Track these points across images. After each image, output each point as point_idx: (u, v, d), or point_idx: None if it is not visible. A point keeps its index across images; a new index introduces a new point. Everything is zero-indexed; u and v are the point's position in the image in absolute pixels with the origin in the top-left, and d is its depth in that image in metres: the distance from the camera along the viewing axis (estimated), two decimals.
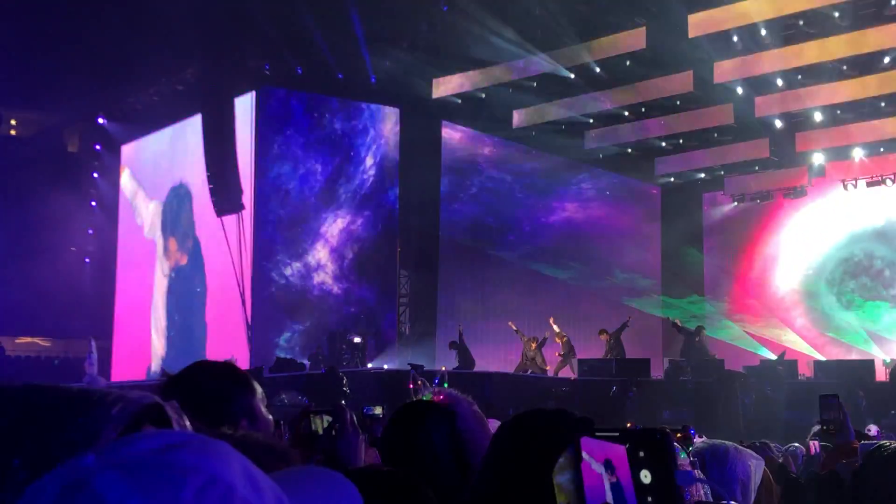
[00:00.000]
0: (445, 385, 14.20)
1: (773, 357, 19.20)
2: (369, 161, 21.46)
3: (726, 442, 2.86)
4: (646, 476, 1.18)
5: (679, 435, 4.90)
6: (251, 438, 1.40)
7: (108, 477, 0.72)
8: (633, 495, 1.19)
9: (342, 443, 2.31)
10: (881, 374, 16.89)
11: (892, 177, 21.62)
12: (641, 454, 1.18)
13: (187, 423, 0.96)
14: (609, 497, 1.23)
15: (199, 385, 2.13)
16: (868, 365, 16.71)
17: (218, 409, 2.04)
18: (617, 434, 1.23)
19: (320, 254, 20.88)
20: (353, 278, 21.05)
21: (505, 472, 1.65)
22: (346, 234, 21.09)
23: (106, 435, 0.86)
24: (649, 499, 1.18)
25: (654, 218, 25.71)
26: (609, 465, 1.23)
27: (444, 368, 16.95)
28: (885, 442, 2.88)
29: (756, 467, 2.76)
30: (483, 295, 22.58)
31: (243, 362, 19.24)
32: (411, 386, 13.50)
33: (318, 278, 20.81)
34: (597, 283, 24.30)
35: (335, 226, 21.03)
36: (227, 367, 2.27)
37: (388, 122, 21.57)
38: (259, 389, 2.19)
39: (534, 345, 18.74)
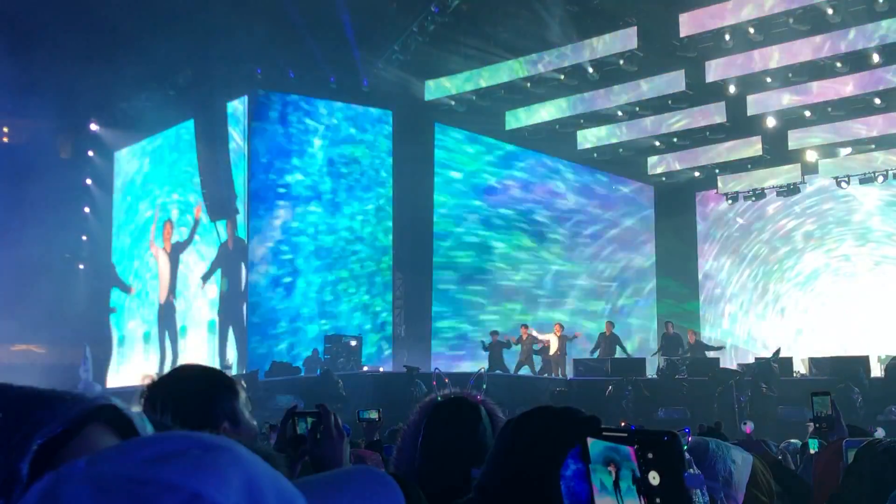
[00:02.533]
0: (484, 387, 14.22)
1: (768, 354, 19.21)
2: (362, 162, 21.43)
3: (709, 439, 2.85)
4: (654, 478, 1.17)
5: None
6: None
7: (78, 491, 0.71)
8: (641, 497, 1.18)
9: (325, 444, 2.30)
10: (876, 371, 16.91)
11: (884, 173, 21.66)
12: (650, 455, 1.18)
13: (149, 426, 0.95)
14: (617, 498, 1.22)
15: (180, 387, 2.14)
16: (863, 361, 16.72)
17: (199, 412, 2.04)
18: (625, 435, 1.22)
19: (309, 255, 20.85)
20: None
21: (510, 469, 1.64)
22: (337, 234, 21.06)
23: (39, 437, 0.86)
24: (658, 500, 1.17)
25: (647, 217, 25.72)
26: (617, 466, 1.23)
27: (481, 370, 16.91)
28: (877, 437, 2.88)
29: (743, 463, 2.74)
30: (479, 297, 22.58)
31: (240, 366, 19.23)
32: (434, 383, 13.53)
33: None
34: (591, 283, 24.33)
35: (329, 226, 20.99)
36: (210, 371, 2.27)
37: (381, 124, 21.55)
38: (243, 394, 2.19)
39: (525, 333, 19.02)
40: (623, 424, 10.80)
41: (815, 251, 23.52)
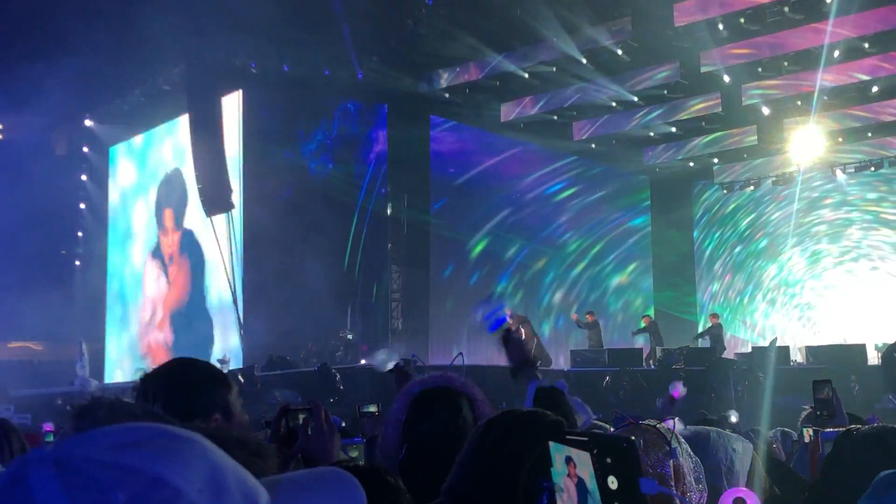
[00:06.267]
0: (463, 370, 14.23)
1: (765, 344, 19.24)
2: (357, 154, 21.41)
3: (710, 427, 2.85)
4: (613, 482, 1.19)
5: (659, 425, 4.90)
6: (224, 432, 1.39)
7: (44, 474, 0.72)
8: (599, 501, 1.20)
9: (316, 439, 2.31)
10: (873, 359, 16.94)
11: (880, 161, 21.70)
12: (608, 460, 1.20)
13: None
14: (576, 502, 1.23)
15: (173, 379, 2.15)
16: (860, 349, 16.75)
17: (191, 403, 2.06)
18: (586, 439, 1.25)
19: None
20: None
21: (478, 473, 1.66)
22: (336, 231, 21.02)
23: None
24: None
25: (643, 208, 25.75)
26: (576, 470, 1.24)
27: (459, 355, 16.91)
28: (853, 427, 2.88)
29: (744, 452, 2.75)
30: (475, 287, 22.60)
31: (236, 361, 19.23)
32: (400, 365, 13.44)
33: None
34: (587, 273, 24.36)
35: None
36: (203, 364, 2.29)
37: (376, 119, 21.52)
38: (235, 387, 2.20)
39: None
40: (615, 413, 10.81)
41: (812, 240, 23.56)
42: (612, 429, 4.27)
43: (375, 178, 21.33)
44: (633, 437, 1.23)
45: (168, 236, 22.98)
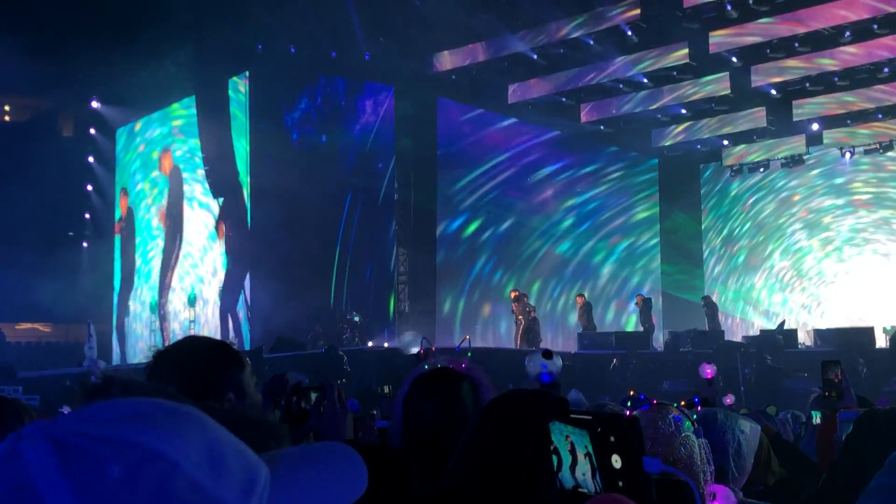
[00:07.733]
0: (469, 354, 14.28)
1: (773, 327, 19.22)
2: (363, 138, 21.35)
3: (717, 409, 2.85)
4: (616, 461, 1.19)
5: (682, 403, 4.90)
6: (237, 412, 1.39)
7: (39, 448, 0.72)
8: (601, 479, 1.20)
9: (329, 418, 2.31)
10: (881, 341, 16.92)
11: (889, 143, 21.60)
12: (612, 439, 1.19)
13: None
14: (579, 479, 1.23)
15: (186, 358, 2.14)
16: (868, 332, 16.72)
17: (204, 383, 2.05)
18: (589, 417, 1.24)
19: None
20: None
21: (481, 453, 1.65)
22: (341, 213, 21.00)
23: None
24: (620, 483, 1.19)
25: (652, 190, 25.66)
26: (579, 448, 1.24)
27: (467, 337, 16.93)
28: (876, 407, 2.87)
29: (751, 433, 2.74)
30: (481, 271, 22.59)
31: (243, 343, 19.28)
32: (422, 352, 13.46)
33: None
34: (595, 255, 24.32)
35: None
36: (216, 343, 2.27)
37: (381, 99, 21.43)
38: (249, 366, 2.19)
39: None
40: (631, 394, 10.82)
41: (820, 222, 23.49)
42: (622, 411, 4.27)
43: (371, 154, 21.23)
44: (636, 415, 1.22)
45: (174, 217, 22.98)
